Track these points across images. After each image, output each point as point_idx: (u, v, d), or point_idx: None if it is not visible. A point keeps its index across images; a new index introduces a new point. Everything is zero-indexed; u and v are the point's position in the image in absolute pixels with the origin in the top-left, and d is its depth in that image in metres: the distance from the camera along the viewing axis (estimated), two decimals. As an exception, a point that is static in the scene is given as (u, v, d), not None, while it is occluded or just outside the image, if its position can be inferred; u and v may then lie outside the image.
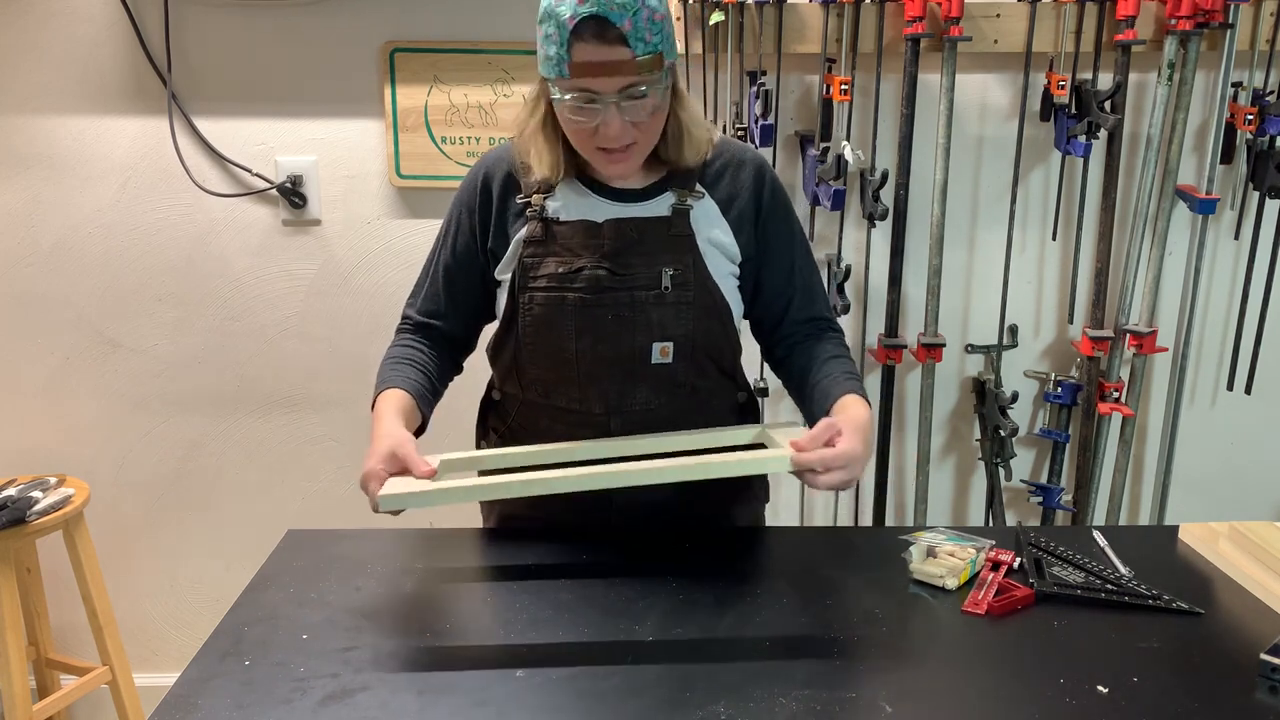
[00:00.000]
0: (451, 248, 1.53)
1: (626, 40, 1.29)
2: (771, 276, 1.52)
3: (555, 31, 1.29)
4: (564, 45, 1.29)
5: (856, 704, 1.11)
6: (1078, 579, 1.36)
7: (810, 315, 1.55)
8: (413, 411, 1.46)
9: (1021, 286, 2.36)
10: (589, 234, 1.45)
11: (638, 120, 1.34)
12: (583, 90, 1.31)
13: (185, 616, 2.59)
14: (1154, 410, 2.42)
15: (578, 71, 1.30)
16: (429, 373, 1.54)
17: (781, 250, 1.52)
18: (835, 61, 2.17)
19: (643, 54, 1.30)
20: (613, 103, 1.32)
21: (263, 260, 2.36)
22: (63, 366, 2.42)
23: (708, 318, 1.47)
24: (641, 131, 1.36)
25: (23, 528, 2.12)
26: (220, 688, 1.15)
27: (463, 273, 1.54)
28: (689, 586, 1.34)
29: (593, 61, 1.29)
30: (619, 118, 1.33)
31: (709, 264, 1.46)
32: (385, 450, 1.33)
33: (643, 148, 1.40)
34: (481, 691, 1.13)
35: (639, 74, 1.30)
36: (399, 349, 1.56)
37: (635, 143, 1.37)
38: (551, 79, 1.33)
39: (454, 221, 1.53)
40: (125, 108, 2.27)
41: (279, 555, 1.45)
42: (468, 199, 1.52)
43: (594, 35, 1.28)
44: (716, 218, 1.48)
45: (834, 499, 2.47)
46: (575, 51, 1.29)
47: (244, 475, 2.50)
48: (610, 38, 1.28)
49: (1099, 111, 2.12)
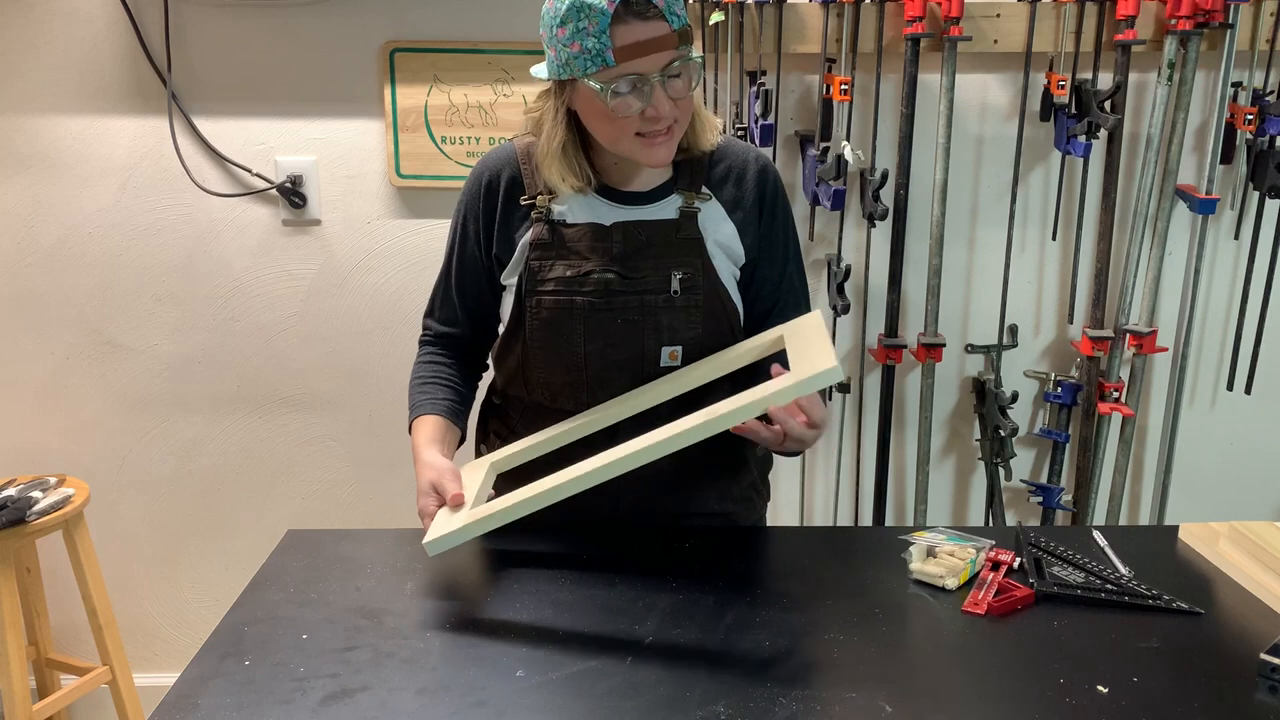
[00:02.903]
0: (459, 256, 1.53)
1: (663, 15, 1.30)
2: (762, 278, 1.51)
3: (590, 22, 1.28)
4: (604, 32, 1.28)
5: (856, 704, 1.11)
6: (1078, 579, 1.36)
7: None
8: (446, 431, 1.51)
9: (1021, 286, 2.36)
10: (597, 237, 1.44)
11: (679, 97, 1.35)
12: (628, 75, 1.31)
13: (185, 616, 2.59)
14: (1154, 410, 2.42)
15: (624, 55, 1.29)
16: (455, 386, 1.57)
17: (776, 253, 1.52)
18: (835, 61, 2.17)
19: (678, 27, 1.32)
20: (657, 81, 1.32)
21: (262, 260, 2.36)
22: (62, 366, 2.42)
23: (716, 321, 1.47)
24: (682, 110, 1.37)
25: (23, 528, 2.12)
26: (220, 688, 1.15)
27: (473, 280, 1.54)
28: (689, 586, 1.34)
29: (639, 41, 1.29)
30: (665, 95, 1.33)
31: (717, 266, 1.46)
32: (426, 485, 1.42)
33: (682, 126, 1.40)
34: (481, 691, 1.13)
35: (678, 47, 1.32)
36: (424, 367, 1.59)
37: (676, 122, 1.37)
38: (591, 73, 1.31)
39: (459, 229, 1.53)
40: (125, 108, 2.27)
41: (279, 555, 1.45)
42: (471, 204, 1.51)
43: (635, 15, 1.29)
44: (723, 220, 1.48)
45: (834, 499, 2.47)
46: (618, 35, 1.29)
47: (244, 475, 2.50)
48: (650, 15, 1.29)
49: (1099, 111, 2.12)
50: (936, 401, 2.37)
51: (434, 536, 1.35)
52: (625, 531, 1.51)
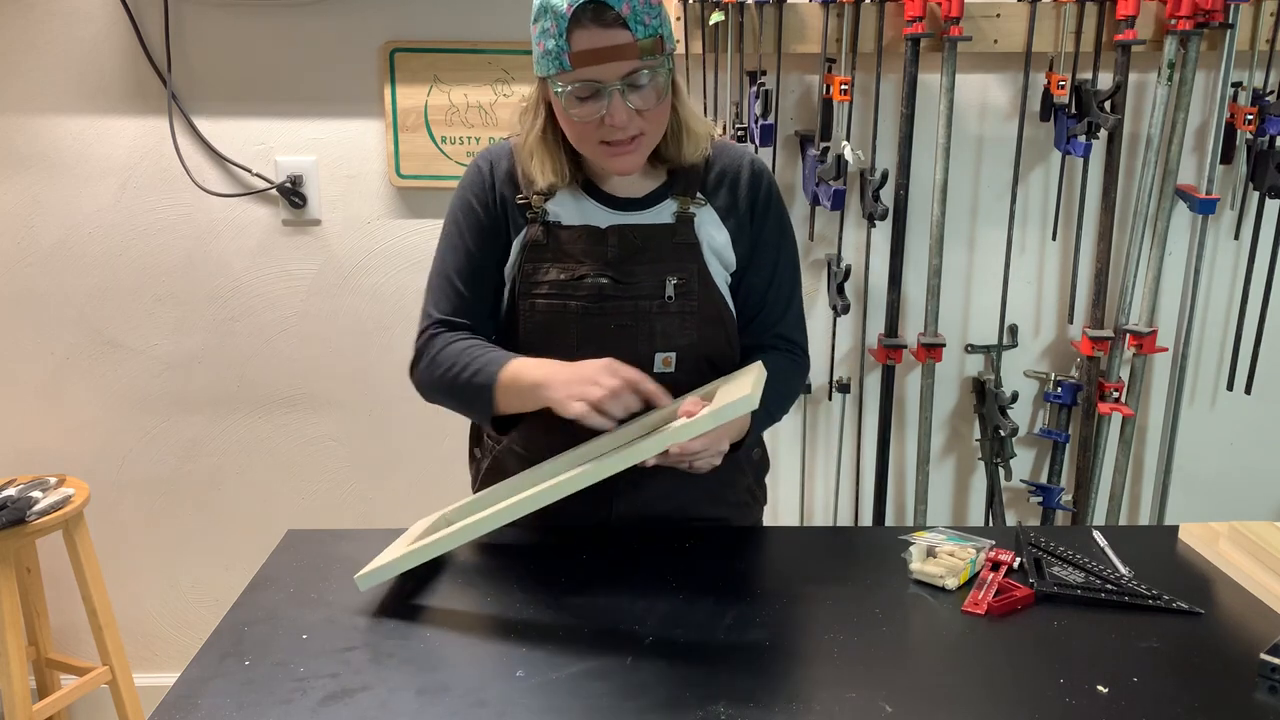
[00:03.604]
0: (465, 246, 1.46)
1: (626, 23, 1.27)
2: (749, 284, 1.49)
3: (553, 24, 1.27)
4: (563, 35, 1.27)
5: (856, 704, 1.11)
6: (1078, 579, 1.36)
7: (779, 332, 1.51)
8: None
9: (1021, 286, 2.36)
10: (592, 240, 1.43)
11: (642, 108, 1.32)
12: (585, 80, 1.29)
13: (185, 616, 2.59)
14: (1154, 410, 2.42)
15: (579, 60, 1.28)
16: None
17: (766, 257, 1.49)
18: (835, 61, 2.17)
19: (643, 37, 1.28)
20: (616, 90, 1.30)
21: (262, 260, 2.36)
22: (62, 366, 2.42)
23: (711, 327, 1.45)
24: (647, 121, 1.34)
25: (23, 528, 2.12)
26: (220, 688, 1.15)
27: (485, 262, 1.46)
28: (689, 586, 1.34)
29: (594, 48, 1.27)
30: (624, 105, 1.30)
31: (712, 272, 1.45)
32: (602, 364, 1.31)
33: (649, 139, 1.37)
34: (481, 691, 1.13)
35: (640, 58, 1.29)
36: (460, 343, 1.43)
37: (642, 134, 1.35)
38: (552, 74, 1.31)
39: (463, 215, 1.47)
40: (125, 108, 2.27)
41: (279, 555, 1.45)
42: (476, 190, 1.46)
43: (593, 20, 1.27)
44: (717, 226, 1.46)
45: (834, 499, 2.47)
46: (575, 39, 1.27)
47: (244, 475, 2.50)
48: (609, 21, 1.27)
49: (1099, 111, 2.12)
50: (936, 401, 2.37)
51: (367, 571, 1.34)
52: (625, 532, 1.51)
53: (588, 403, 1.28)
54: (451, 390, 1.43)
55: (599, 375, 1.30)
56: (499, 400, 1.39)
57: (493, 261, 1.47)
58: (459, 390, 1.42)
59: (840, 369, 2.39)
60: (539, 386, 1.34)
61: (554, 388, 1.32)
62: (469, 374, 1.40)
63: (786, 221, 1.52)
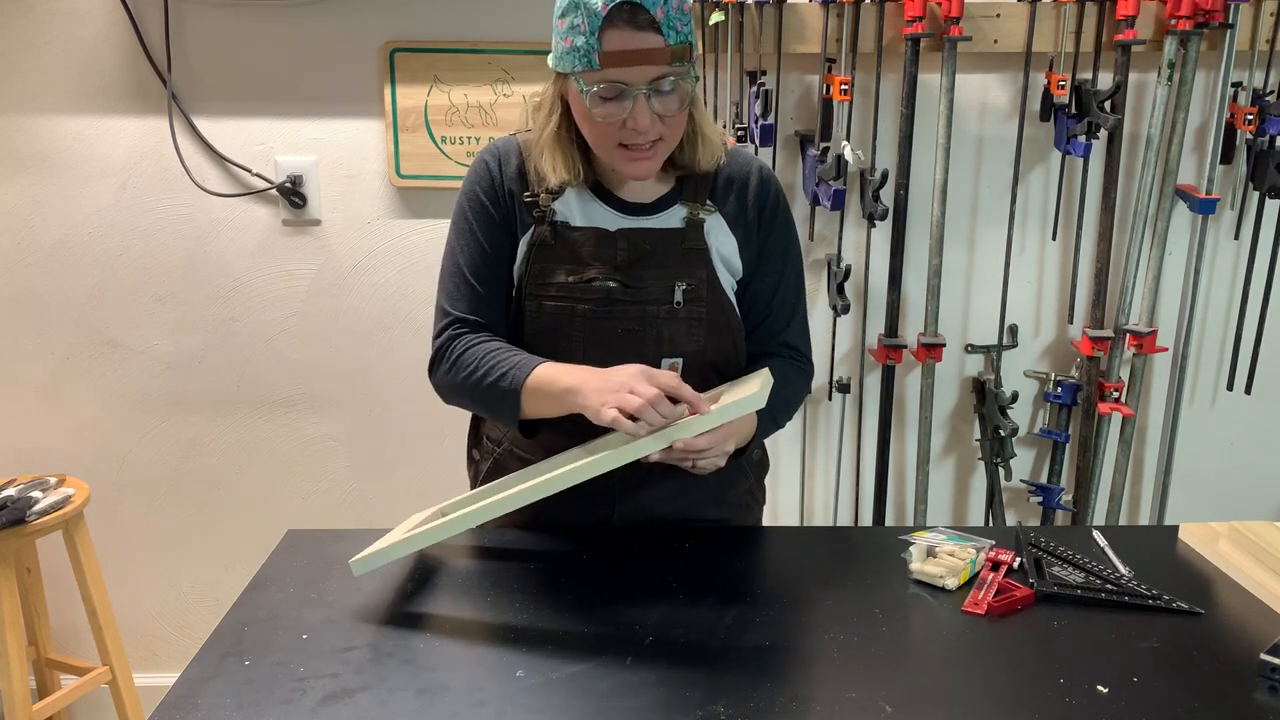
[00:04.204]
0: (479, 242, 1.44)
1: (659, 28, 1.27)
2: (754, 291, 1.49)
3: (584, 20, 1.26)
4: (594, 34, 1.26)
5: (856, 704, 1.11)
6: (1078, 579, 1.36)
7: (784, 340, 1.50)
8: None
9: (1021, 286, 2.36)
10: (601, 243, 1.42)
11: (665, 114, 1.32)
12: (612, 81, 1.29)
13: (185, 616, 2.59)
14: (1154, 410, 2.42)
15: (609, 60, 1.27)
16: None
17: (772, 264, 1.48)
18: (835, 61, 2.17)
19: (675, 43, 1.28)
20: (641, 94, 1.29)
21: (262, 260, 2.36)
22: (62, 366, 2.42)
23: (718, 333, 1.45)
24: (668, 126, 1.33)
25: (23, 528, 2.12)
26: (220, 688, 1.15)
27: (498, 257, 1.45)
28: (689, 587, 1.34)
29: (625, 50, 1.27)
30: (648, 110, 1.30)
31: (720, 279, 1.44)
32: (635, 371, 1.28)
33: (668, 145, 1.36)
34: (481, 691, 1.13)
35: (670, 64, 1.29)
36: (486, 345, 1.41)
37: (661, 140, 1.34)
38: (578, 71, 1.30)
39: (474, 210, 1.45)
40: (125, 108, 2.27)
41: (279, 555, 1.45)
42: (485, 185, 1.44)
43: (627, 21, 1.26)
44: (726, 234, 1.45)
45: (834, 499, 2.47)
46: (606, 39, 1.26)
47: (244, 475, 2.50)
48: (643, 24, 1.26)
49: (1099, 111, 2.12)
50: (936, 401, 2.37)
51: (362, 555, 1.34)
52: (625, 533, 1.51)
53: (623, 411, 1.26)
54: (475, 394, 1.42)
55: (634, 383, 1.27)
56: (525, 405, 1.38)
57: (505, 257, 1.45)
58: (483, 394, 1.40)
59: (840, 369, 2.39)
60: (570, 393, 1.32)
61: (587, 395, 1.29)
62: (494, 378, 1.38)
63: (793, 229, 1.51)
